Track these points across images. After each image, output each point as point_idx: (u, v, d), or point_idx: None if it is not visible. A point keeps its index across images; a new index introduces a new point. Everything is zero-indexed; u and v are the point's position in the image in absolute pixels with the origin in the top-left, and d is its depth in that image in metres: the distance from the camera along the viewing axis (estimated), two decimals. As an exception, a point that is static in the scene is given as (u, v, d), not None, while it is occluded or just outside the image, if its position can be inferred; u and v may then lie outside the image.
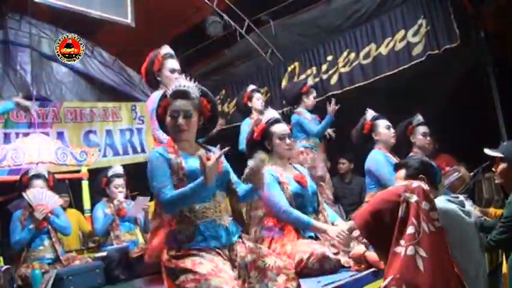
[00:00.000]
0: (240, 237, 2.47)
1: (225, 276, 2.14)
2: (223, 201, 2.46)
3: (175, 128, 2.45)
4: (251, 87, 5.28)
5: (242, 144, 4.87)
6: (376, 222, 1.72)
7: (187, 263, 2.20)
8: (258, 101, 5.13)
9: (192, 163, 2.39)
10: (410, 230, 1.65)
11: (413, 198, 1.68)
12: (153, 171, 2.36)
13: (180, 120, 2.44)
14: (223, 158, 2.53)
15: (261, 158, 2.40)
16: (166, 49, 3.74)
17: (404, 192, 1.69)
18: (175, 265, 2.23)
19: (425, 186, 1.75)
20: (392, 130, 4.01)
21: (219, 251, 2.31)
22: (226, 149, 2.39)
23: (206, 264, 2.18)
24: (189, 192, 2.26)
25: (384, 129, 3.99)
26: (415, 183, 1.74)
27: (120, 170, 4.86)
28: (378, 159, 3.86)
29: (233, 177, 2.61)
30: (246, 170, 2.38)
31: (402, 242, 1.66)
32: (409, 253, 1.63)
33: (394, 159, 3.89)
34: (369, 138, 4.04)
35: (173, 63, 3.68)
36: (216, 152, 2.59)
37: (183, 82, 2.54)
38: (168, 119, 2.47)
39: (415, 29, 5.84)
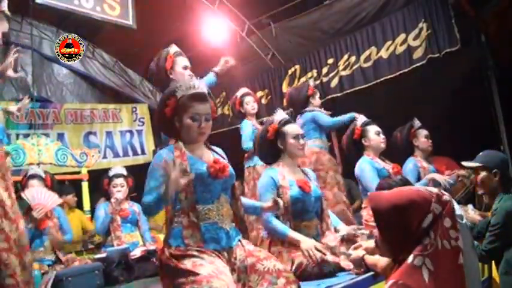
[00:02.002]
0: (239, 240, 2.45)
1: (225, 279, 2.12)
2: (226, 205, 2.44)
3: (197, 130, 2.41)
4: (241, 92, 5.17)
5: (246, 143, 4.83)
6: (395, 218, 1.68)
7: (188, 264, 2.18)
8: (247, 105, 5.02)
9: (199, 166, 2.38)
10: (424, 240, 1.63)
11: (440, 212, 1.65)
12: (149, 173, 2.37)
13: (203, 124, 2.41)
14: (227, 162, 2.54)
15: None
16: (175, 47, 3.73)
17: (435, 203, 1.65)
18: (175, 265, 2.20)
19: (454, 203, 1.72)
20: (382, 136, 4.00)
21: (219, 254, 2.30)
22: None
23: (207, 266, 2.16)
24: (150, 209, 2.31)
25: (374, 135, 3.98)
26: (447, 196, 1.69)
27: (120, 170, 4.88)
28: (364, 168, 3.86)
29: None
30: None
31: (414, 251, 1.64)
32: (416, 263, 1.60)
33: (384, 164, 3.91)
34: (359, 144, 4.03)
35: (185, 61, 3.68)
36: (220, 153, 2.60)
37: (195, 82, 2.48)
38: (188, 121, 2.40)
39: (416, 33, 5.85)
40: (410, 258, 1.60)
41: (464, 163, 3.28)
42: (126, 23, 6.20)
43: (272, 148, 3.27)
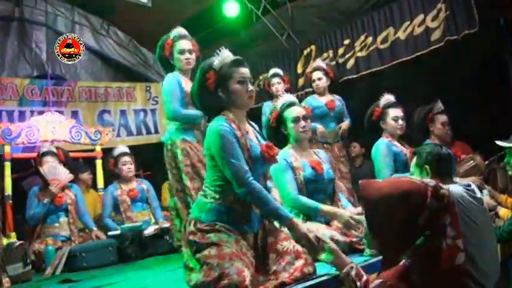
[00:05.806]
0: (262, 221, 2.44)
1: (247, 261, 2.12)
2: None
3: (246, 94, 2.36)
4: (271, 71, 5.24)
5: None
6: (385, 211, 1.60)
7: (214, 238, 2.17)
8: (273, 86, 5.13)
9: (254, 148, 2.34)
10: (418, 239, 1.56)
11: (437, 208, 1.56)
12: (229, 148, 2.23)
13: (251, 87, 2.37)
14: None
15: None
16: (176, 31, 3.72)
17: (432, 200, 1.55)
18: (201, 238, 2.19)
19: (453, 197, 1.61)
20: (400, 122, 3.86)
21: (245, 236, 2.29)
22: None
23: (232, 244, 2.16)
24: (273, 211, 2.26)
25: (391, 120, 3.86)
26: (444, 190, 1.59)
27: (125, 148, 4.98)
28: (379, 150, 3.79)
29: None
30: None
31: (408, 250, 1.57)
32: (408, 264, 1.55)
33: (402, 148, 3.82)
34: (378, 126, 3.96)
35: (183, 44, 3.67)
36: (256, 128, 2.57)
37: (229, 53, 2.43)
38: (236, 86, 2.33)
39: (434, 14, 5.72)
40: (403, 259, 1.54)
41: (499, 142, 3.24)
42: (142, 1, 6.16)
43: (278, 134, 3.25)
